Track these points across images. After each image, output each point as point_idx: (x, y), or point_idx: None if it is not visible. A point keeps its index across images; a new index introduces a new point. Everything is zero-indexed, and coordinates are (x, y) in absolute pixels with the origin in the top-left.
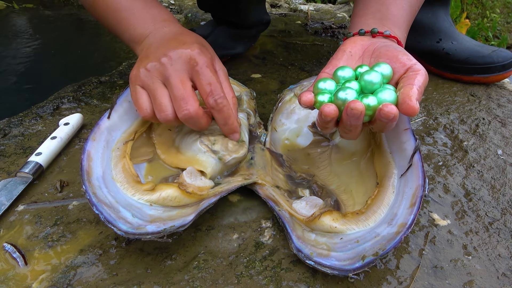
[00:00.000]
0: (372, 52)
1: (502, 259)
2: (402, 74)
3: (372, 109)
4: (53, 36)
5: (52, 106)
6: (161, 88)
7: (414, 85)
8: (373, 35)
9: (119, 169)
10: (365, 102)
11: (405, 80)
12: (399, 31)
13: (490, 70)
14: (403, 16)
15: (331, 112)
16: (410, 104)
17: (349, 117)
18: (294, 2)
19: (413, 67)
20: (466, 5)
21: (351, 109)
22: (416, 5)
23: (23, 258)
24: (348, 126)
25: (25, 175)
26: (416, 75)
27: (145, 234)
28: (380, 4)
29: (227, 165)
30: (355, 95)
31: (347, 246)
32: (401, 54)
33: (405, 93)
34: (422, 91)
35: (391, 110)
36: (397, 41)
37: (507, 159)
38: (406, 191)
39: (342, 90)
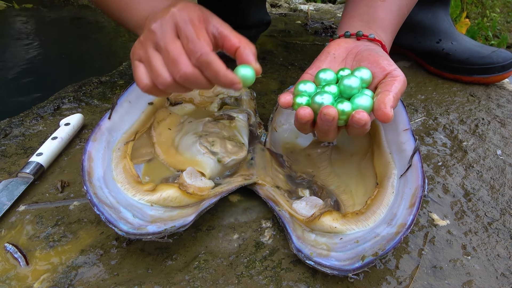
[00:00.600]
0: (355, 55)
1: (501, 259)
2: (381, 79)
3: (347, 114)
4: (53, 36)
5: (53, 106)
6: (154, 55)
7: (390, 91)
8: (358, 38)
9: (120, 170)
10: (340, 107)
11: (382, 86)
12: (384, 34)
13: (490, 71)
14: (390, 19)
15: (306, 116)
16: (385, 111)
17: (323, 121)
18: (294, 2)
19: (392, 73)
20: (466, 4)
21: (324, 114)
22: (405, 8)
23: (24, 258)
24: (323, 130)
25: (26, 176)
26: (394, 81)
27: (146, 234)
28: (368, 7)
29: (226, 167)
30: (331, 100)
31: (346, 246)
32: (382, 59)
33: (380, 100)
34: (398, 97)
35: (362, 117)
36: (381, 45)
37: (507, 159)
38: (406, 192)
39: (319, 94)
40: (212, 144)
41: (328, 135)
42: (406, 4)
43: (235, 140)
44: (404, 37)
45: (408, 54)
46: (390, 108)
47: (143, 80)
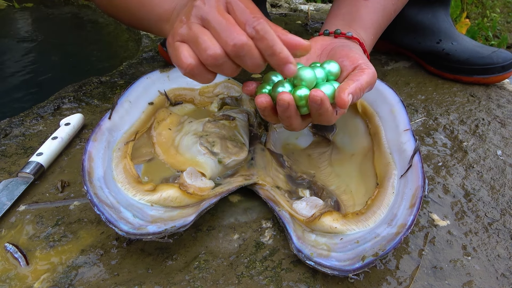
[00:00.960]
0: (329, 51)
1: (501, 259)
2: (350, 71)
3: (305, 98)
4: (53, 35)
5: (53, 106)
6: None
7: (354, 81)
8: (336, 36)
9: (120, 170)
10: (298, 93)
11: (350, 77)
12: (365, 33)
13: (490, 71)
14: (373, 19)
15: (263, 102)
16: (342, 96)
17: (280, 107)
18: (294, 2)
19: (361, 65)
20: (466, 4)
21: (279, 99)
22: (391, 8)
23: (24, 258)
24: (284, 117)
25: (26, 175)
26: (362, 73)
27: (146, 234)
28: (351, 6)
29: (227, 167)
30: (290, 89)
31: (347, 246)
32: (353, 53)
33: (341, 86)
34: (363, 88)
35: (317, 94)
36: (360, 43)
37: (507, 159)
38: (406, 192)
39: (279, 85)
40: (213, 144)
41: (292, 123)
42: (392, 4)
43: (235, 140)
44: (404, 37)
45: (408, 54)
46: (348, 94)
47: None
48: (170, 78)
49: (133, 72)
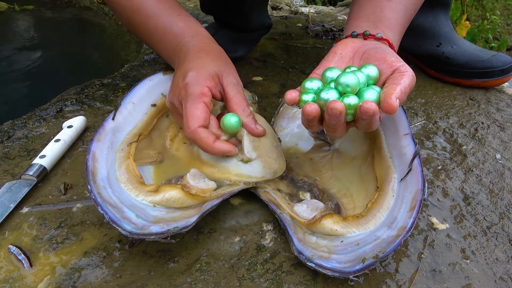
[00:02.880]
0: (362, 54)
1: (499, 263)
2: (389, 75)
3: (354, 107)
4: (54, 37)
5: (56, 109)
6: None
7: (398, 85)
8: (365, 38)
9: (123, 170)
10: (346, 101)
11: (390, 81)
12: (392, 34)
13: (490, 75)
14: (397, 19)
15: (312, 111)
16: (389, 102)
17: (330, 116)
18: (295, 5)
19: (400, 68)
20: (466, 7)
21: (331, 108)
22: (411, 8)
23: (28, 260)
24: (331, 125)
25: (29, 178)
26: (402, 76)
27: (149, 234)
28: (374, 7)
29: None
30: (337, 95)
31: (347, 248)
32: (389, 56)
33: (386, 92)
34: (407, 91)
35: (370, 107)
36: (389, 43)
37: (506, 163)
38: (406, 195)
39: (324, 90)
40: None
41: (337, 130)
42: (412, 4)
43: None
44: (405, 41)
45: (408, 58)
46: (396, 99)
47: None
48: None
49: (134, 75)
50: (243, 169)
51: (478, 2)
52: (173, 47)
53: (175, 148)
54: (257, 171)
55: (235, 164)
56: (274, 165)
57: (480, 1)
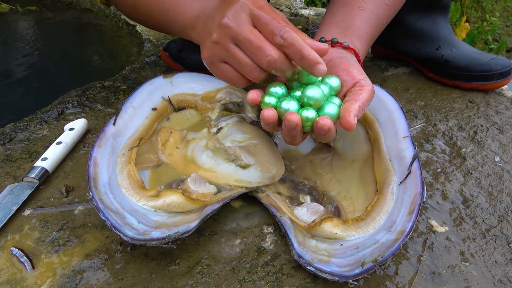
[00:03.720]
0: (328, 61)
1: (498, 265)
2: (350, 87)
3: (311, 120)
4: (56, 39)
5: (57, 111)
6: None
7: (356, 101)
8: (332, 45)
9: (125, 175)
10: (304, 114)
11: (350, 95)
12: (359, 43)
13: (489, 78)
14: (367, 28)
15: (270, 117)
16: (348, 119)
17: (287, 127)
18: (295, 7)
19: (360, 82)
20: (466, 8)
21: (288, 120)
22: (383, 19)
23: (30, 262)
24: (287, 135)
25: (31, 180)
26: (361, 90)
27: (150, 240)
28: (346, 15)
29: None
30: (296, 107)
31: (347, 252)
32: (353, 68)
33: (346, 108)
34: (364, 107)
35: (325, 123)
36: (355, 53)
37: (505, 166)
38: (405, 198)
39: (285, 100)
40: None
41: (294, 139)
42: (384, 14)
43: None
44: (404, 44)
45: (408, 60)
46: (354, 117)
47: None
48: (173, 84)
49: (135, 77)
50: (241, 174)
51: (477, 3)
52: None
53: (168, 153)
54: (255, 176)
55: (233, 169)
56: (272, 170)
57: (479, 3)
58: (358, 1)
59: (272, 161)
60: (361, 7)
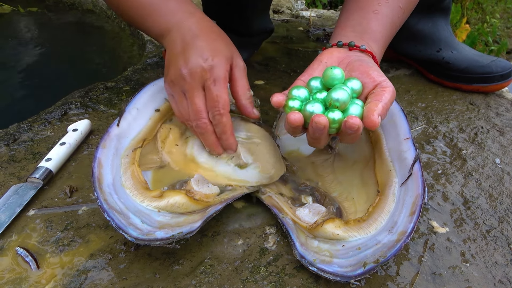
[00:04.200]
0: (347, 65)
1: (498, 266)
2: (371, 89)
3: (338, 122)
4: (57, 40)
5: (60, 112)
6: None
7: (380, 101)
8: (350, 48)
9: (128, 176)
10: (331, 116)
11: (372, 96)
12: (376, 46)
13: (489, 80)
14: (382, 32)
15: (296, 120)
16: (372, 118)
17: (314, 129)
18: (296, 8)
19: (382, 84)
20: (466, 10)
21: (315, 122)
22: (397, 22)
23: (35, 262)
24: (314, 137)
25: (35, 181)
26: (383, 92)
27: (154, 240)
28: (361, 18)
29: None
30: (321, 109)
31: (349, 253)
32: (372, 70)
33: (369, 108)
34: (387, 107)
35: (355, 122)
36: (372, 56)
37: (505, 167)
38: (406, 200)
39: (310, 103)
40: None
41: (319, 142)
42: (398, 17)
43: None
44: (405, 46)
45: (409, 62)
46: (378, 116)
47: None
48: None
49: (138, 78)
50: (240, 174)
51: (478, 5)
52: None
53: (167, 151)
54: (253, 176)
55: (232, 168)
56: (271, 170)
57: (480, 4)
58: (372, 4)
59: (272, 161)
60: (376, 11)
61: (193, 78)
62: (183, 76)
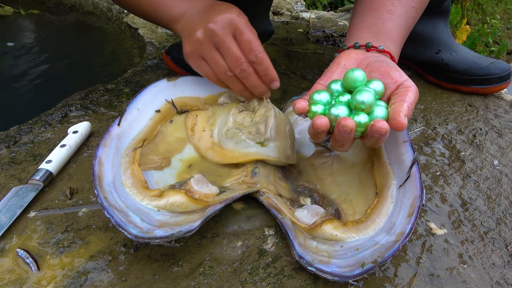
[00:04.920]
0: (366, 66)
1: (496, 267)
2: (394, 90)
3: (364, 125)
4: (58, 42)
5: (61, 114)
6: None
7: (404, 102)
8: (368, 49)
9: (128, 175)
10: (357, 119)
11: (396, 97)
12: (393, 46)
13: (488, 82)
14: (398, 31)
15: (323, 125)
16: (398, 119)
17: (340, 132)
18: (296, 10)
19: (404, 84)
20: (467, 11)
21: (342, 126)
22: (411, 21)
23: (35, 264)
24: (339, 141)
25: (36, 182)
26: (407, 92)
27: (153, 238)
28: (376, 19)
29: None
30: (347, 112)
31: (347, 253)
32: (393, 70)
33: (395, 109)
34: (412, 108)
35: (382, 126)
36: (390, 56)
37: (503, 169)
38: (404, 202)
39: (334, 106)
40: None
41: (344, 146)
42: (412, 17)
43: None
44: (404, 47)
45: (408, 64)
46: (404, 117)
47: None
48: (176, 87)
49: (138, 80)
50: (261, 150)
51: (478, 6)
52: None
53: (197, 138)
54: (274, 152)
55: (254, 146)
56: (288, 151)
57: (480, 5)
58: (386, 5)
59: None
60: (390, 11)
61: (224, 28)
62: (212, 30)
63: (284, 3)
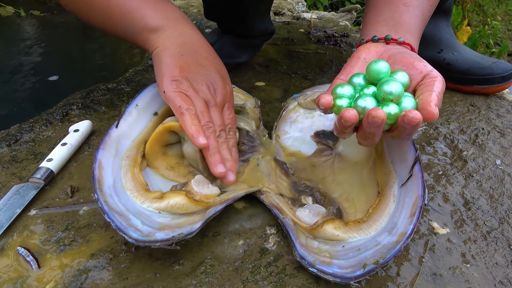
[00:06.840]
0: (388, 58)
1: (499, 267)
2: (420, 81)
3: (394, 117)
4: (59, 42)
5: (62, 113)
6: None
7: (433, 91)
8: (387, 42)
9: (129, 178)
10: (386, 110)
11: (423, 87)
12: (412, 38)
13: (490, 81)
14: (416, 24)
15: (352, 117)
16: (429, 109)
17: (370, 124)
18: (297, 10)
19: (430, 74)
20: (468, 12)
21: (373, 117)
22: (427, 14)
23: (36, 262)
24: (368, 133)
25: (37, 181)
26: (434, 81)
27: (154, 241)
28: (392, 12)
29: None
30: (375, 103)
31: (348, 254)
32: (417, 61)
33: (424, 99)
34: (441, 98)
35: (416, 116)
36: (411, 47)
37: (506, 169)
38: (407, 201)
39: (361, 98)
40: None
41: (372, 138)
42: (427, 10)
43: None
44: None
45: None
46: (435, 106)
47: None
48: None
49: (139, 79)
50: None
51: (479, 7)
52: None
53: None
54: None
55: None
56: None
57: (481, 7)
58: None
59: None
60: (407, 4)
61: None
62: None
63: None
